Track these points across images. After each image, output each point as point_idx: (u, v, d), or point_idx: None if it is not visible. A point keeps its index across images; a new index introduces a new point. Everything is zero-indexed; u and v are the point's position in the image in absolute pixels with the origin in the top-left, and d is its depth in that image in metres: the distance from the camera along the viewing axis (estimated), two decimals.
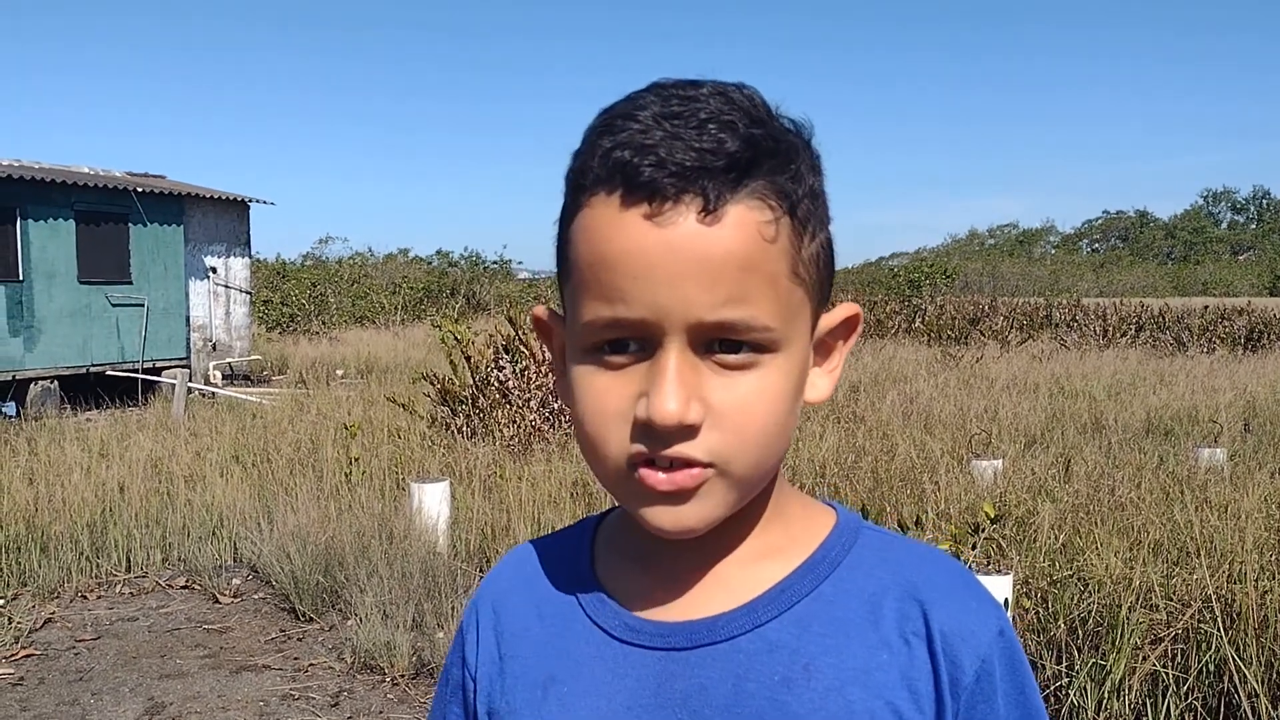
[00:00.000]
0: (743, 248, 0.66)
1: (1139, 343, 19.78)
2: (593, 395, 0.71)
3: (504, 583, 0.88)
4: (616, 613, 0.78)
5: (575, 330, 0.72)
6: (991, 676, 0.72)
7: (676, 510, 0.70)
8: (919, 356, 16.49)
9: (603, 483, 0.74)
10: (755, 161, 0.67)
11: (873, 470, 6.83)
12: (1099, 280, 61.58)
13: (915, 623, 0.72)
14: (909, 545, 0.78)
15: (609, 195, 0.67)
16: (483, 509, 6.32)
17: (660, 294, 0.66)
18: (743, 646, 0.73)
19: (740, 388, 0.68)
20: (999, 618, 0.74)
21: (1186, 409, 10.08)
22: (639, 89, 0.71)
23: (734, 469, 0.69)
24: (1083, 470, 6.80)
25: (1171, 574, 4.22)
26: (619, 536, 0.83)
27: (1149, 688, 3.76)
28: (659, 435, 0.67)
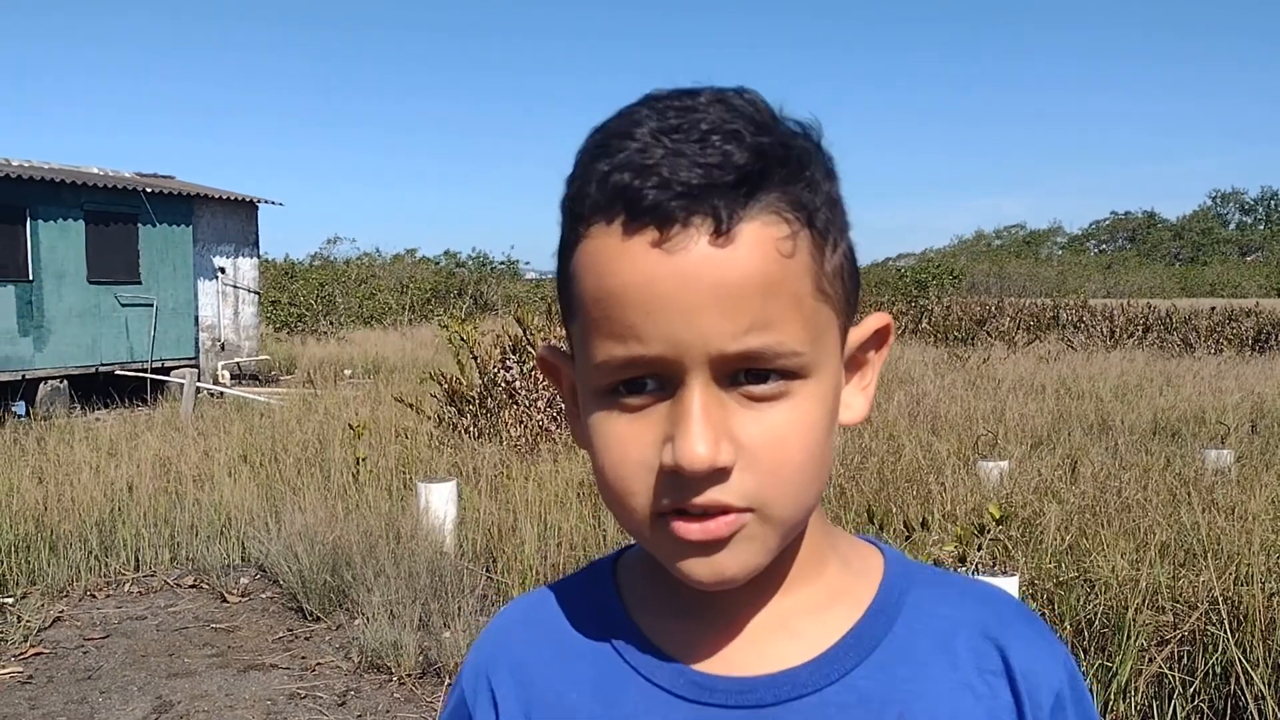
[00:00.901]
0: (761, 268, 0.60)
1: (1146, 344, 19.73)
2: (612, 444, 0.64)
3: (519, 643, 0.77)
4: (678, 670, 0.70)
5: (587, 371, 0.65)
6: (1064, 709, 0.70)
7: (712, 561, 0.63)
8: (925, 357, 16.47)
9: (631, 533, 0.68)
10: (766, 172, 0.61)
11: (879, 471, 6.83)
12: (1106, 281, 61.44)
13: (993, 661, 0.69)
14: (965, 583, 0.75)
15: (609, 224, 0.61)
16: (490, 509, 6.33)
17: (677, 327, 0.60)
18: (831, 699, 0.68)
19: (772, 420, 0.62)
20: (1065, 653, 0.72)
21: (1194, 410, 10.06)
22: (632, 104, 0.65)
23: (772, 511, 0.63)
24: (1089, 471, 6.79)
25: (1178, 576, 4.22)
26: (654, 582, 0.74)
27: (1155, 690, 3.76)
28: (688, 483, 0.61)
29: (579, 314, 0.65)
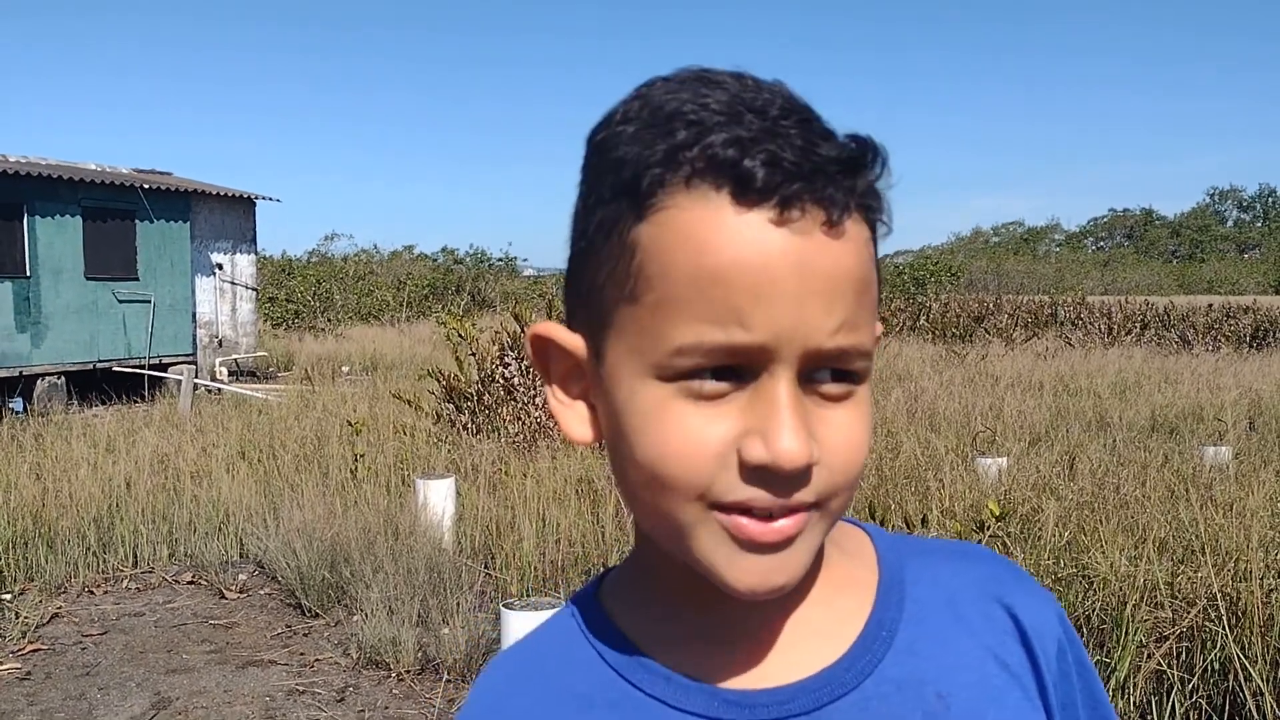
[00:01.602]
0: (859, 267, 0.59)
1: (1144, 341, 19.75)
2: (683, 432, 0.58)
3: (518, 703, 0.70)
4: (709, 691, 0.65)
5: (652, 354, 0.59)
6: (1065, 654, 0.71)
7: (768, 564, 0.60)
8: (924, 354, 16.49)
9: (662, 530, 0.62)
10: (865, 167, 0.59)
11: (877, 468, 6.83)
12: (1104, 278, 61.49)
13: (1004, 622, 0.69)
14: (949, 546, 0.75)
15: (714, 193, 0.56)
16: (488, 506, 6.33)
17: (783, 315, 0.56)
18: (870, 692, 0.65)
19: (841, 422, 0.60)
20: (1051, 595, 0.73)
21: (1191, 407, 10.07)
22: (675, 76, 0.61)
23: (831, 507, 0.62)
24: (1087, 468, 6.80)
25: (1176, 572, 4.22)
26: (655, 607, 0.70)
27: (1154, 686, 3.77)
28: (780, 480, 0.58)
29: (653, 290, 0.58)
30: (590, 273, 0.63)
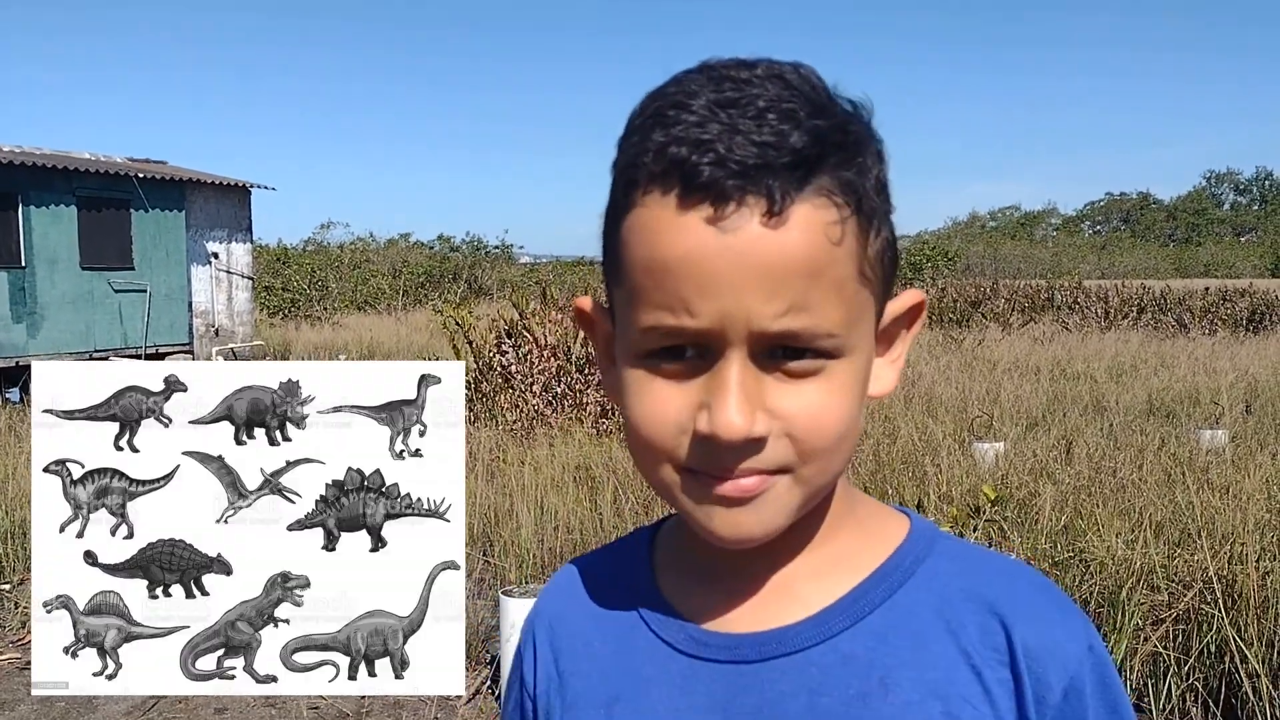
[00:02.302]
0: (807, 252, 0.62)
1: (1141, 325, 19.76)
2: (649, 403, 0.67)
3: (559, 599, 0.84)
4: (681, 626, 0.75)
5: (629, 334, 0.67)
6: (1081, 695, 0.68)
7: (736, 516, 0.66)
8: (920, 339, 16.48)
9: (655, 487, 0.70)
10: (822, 156, 0.62)
11: (874, 453, 6.85)
12: (1100, 262, 61.42)
13: (996, 638, 0.69)
14: (988, 557, 0.75)
15: (664, 195, 0.62)
16: (486, 493, 6.34)
17: (725, 303, 0.62)
18: (815, 659, 0.70)
19: (806, 396, 0.65)
20: (1088, 633, 0.70)
21: (1188, 390, 10.09)
22: (687, 70, 0.66)
23: (804, 474, 0.66)
24: (1084, 452, 6.81)
25: (1173, 555, 4.23)
26: (678, 548, 0.79)
27: (1150, 668, 3.79)
28: (723, 450, 0.64)
29: (626, 279, 0.66)
30: (606, 263, 0.71)
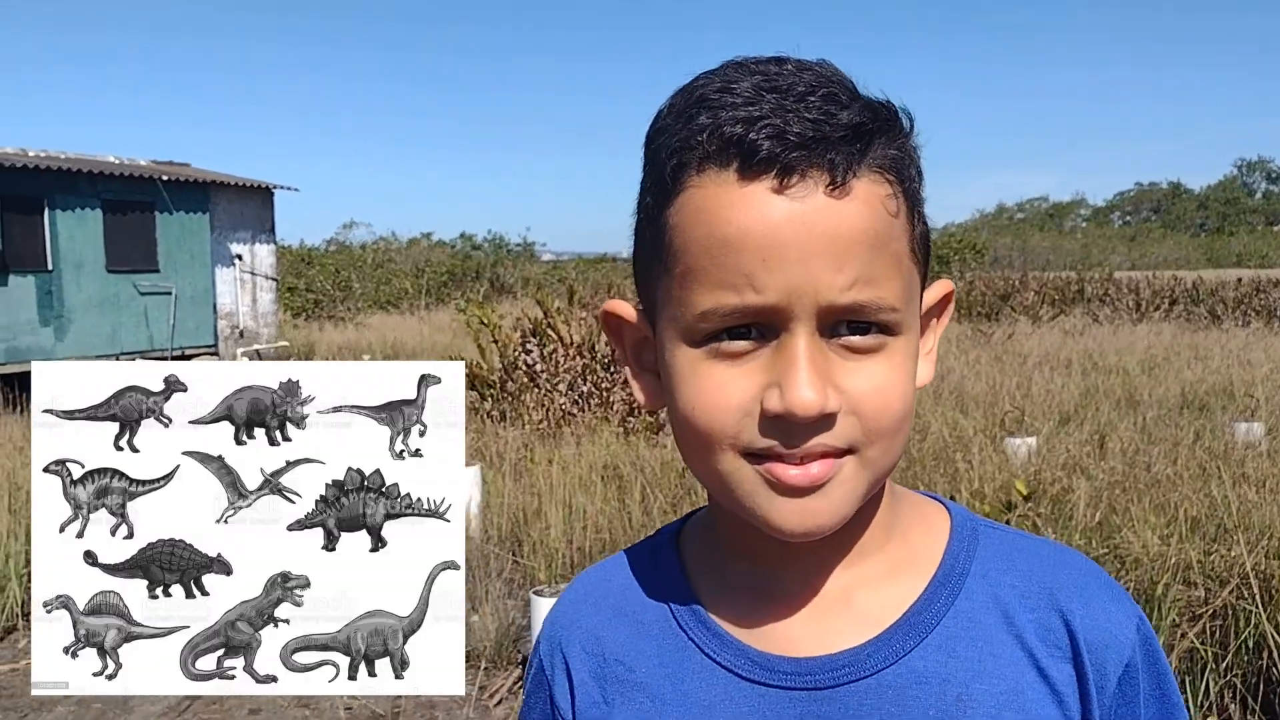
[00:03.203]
0: (871, 224, 0.63)
1: (1173, 316, 19.57)
2: (709, 389, 0.65)
3: (588, 617, 0.79)
4: (739, 648, 0.71)
5: (683, 320, 0.66)
6: (1135, 678, 0.70)
7: (804, 506, 0.65)
8: (949, 333, 16.38)
9: (709, 480, 0.69)
10: (875, 132, 0.64)
11: (905, 450, 6.79)
12: (1131, 253, 60.92)
13: (1058, 634, 0.69)
14: (1034, 545, 0.75)
15: (722, 171, 0.62)
16: (514, 493, 6.33)
17: (792, 275, 0.61)
18: (889, 681, 0.68)
19: (872, 372, 0.65)
20: (1136, 614, 0.71)
21: (1222, 383, 9.96)
22: (716, 68, 0.67)
23: (870, 454, 0.66)
24: (1118, 447, 6.73)
25: (1209, 551, 4.17)
26: (716, 553, 0.77)
27: (1188, 665, 3.73)
28: (795, 428, 0.63)
29: (679, 263, 0.65)
30: (645, 256, 0.70)
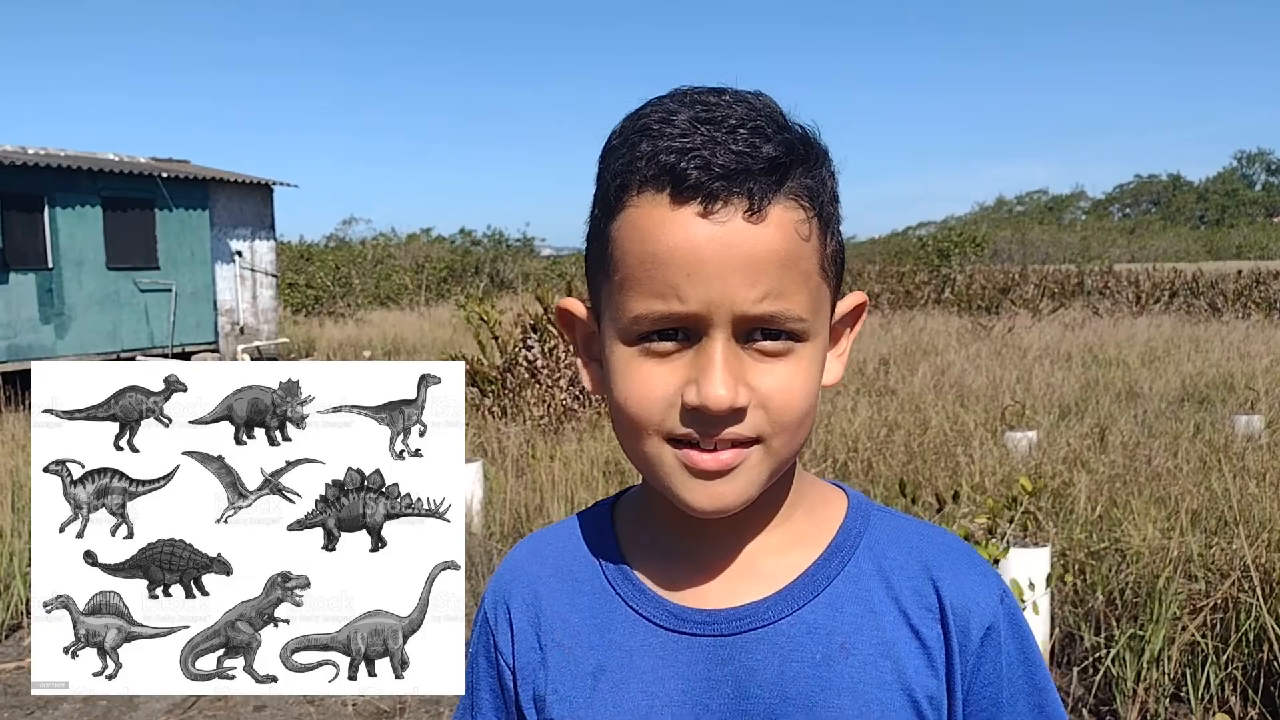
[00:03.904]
0: (784, 245, 0.72)
1: (1173, 309, 19.57)
2: (640, 381, 0.76)
3: (529, 575, 0.90)
4: (659, 602, 0.83)
5: (619, 321, 0.76)
6: (996, 638, 0.81)
7: (713, 489, 0.76)
8: (949, 327, 16.37)
9: (637, 461, 0.79)
10: (791, 165, 0.73)
11: (905, 444, 6.78)
12: (1131, 246, 60.88)
13: (930, 600, 0.80)
14: (915, 525, 0.86)
15: (657, 194, 0.72)
16: (515, 489, 6.33)
17: (712, 289, 0.71)
18: (784, 630, 0.80)
19: (779, 373, 0.74)
20: (999, 587, 0.83)
21: (1222, 376, 9.96)
22: (662, 96, 0.76)
23: (774, 445, 0.76)
24: (1118, 440, 6.73)
25: (1210, 544, 4.17)
26: (646, 527, 0.87)
27: (1188, 657, 3.73)
28: (710, 419, 0.73)
29: (618, 272, 0.75)
30: (592, 262, 0.80)
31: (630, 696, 0.81)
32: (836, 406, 8.26)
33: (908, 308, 21.50)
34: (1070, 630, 4.11)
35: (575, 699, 0.83)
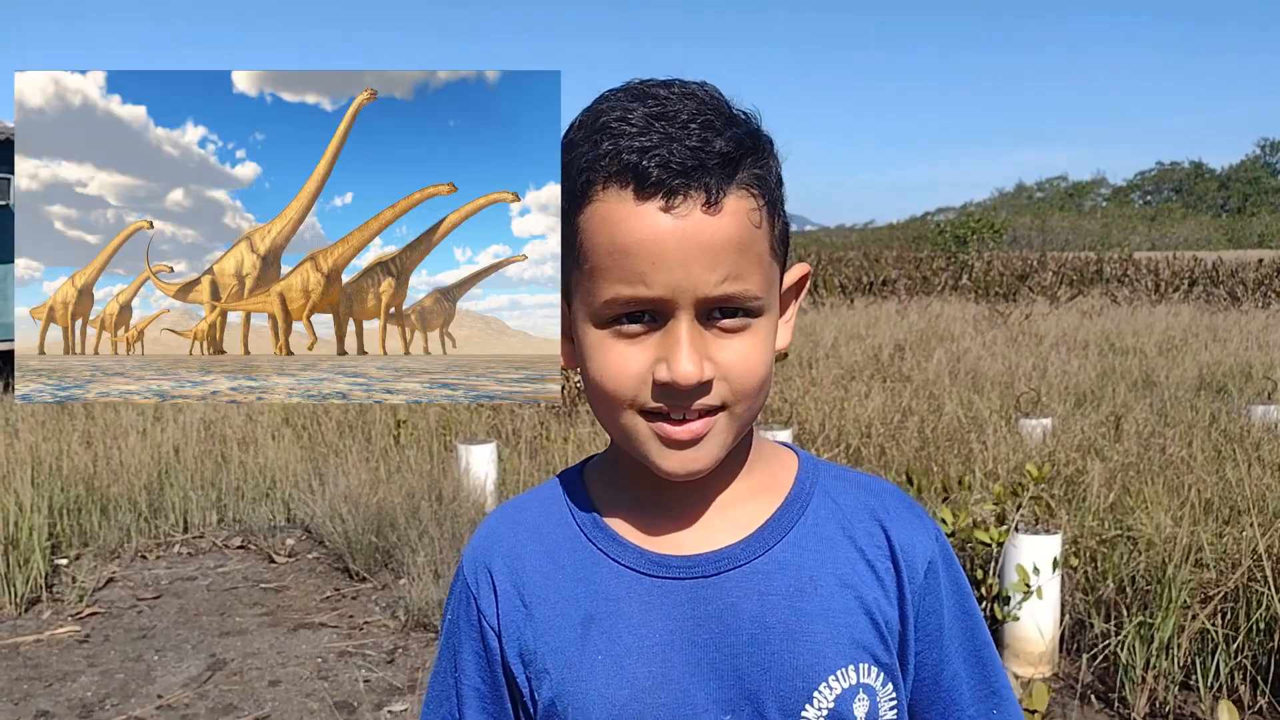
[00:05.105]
0: (739, 233, 0.79)
1: (1192, 297, 19.44)
2: (613, 360, 0.83)
3: (506, 540, 0.95)
4: (639, 552, 0.90)
5: (591, 305, 0.83)
6: (935, 573, 0.92)
7: (685, 456, 0.84)
8: (966, 314, 16.32)
9: (613, 431, 0.87)
10: (741, 157, 0.80)
11: (919, 430, 6.81)
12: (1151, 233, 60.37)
13: (880, 540, 0.91)
14: (859, 477, 0.97)
15: (621, 190, 0.79)
16: (529, 470, 6.39)
17: (675, 275, 0.78)
18: (759, 568, 0.88)
19: (738, 347, 0.82)
20: (934, 528, 0.94)
21: (1240, 365, 9.92)
22: (616, 90, 0.84)
23: (737, 410, 0.84)
24: (1133, 429, 6.73)
25: (1222, 533, 4.18)
26: (617, 485, 0.94)
27: (1198, 646, 3.75)
28: (680, 393, 0.81)
29: (588, 261, 0.82)
30: (563, 249, 0.86)
31: (621, 640, 0.87)
32: (850, 392, 8.28)
33: (924, 294, 21.44)
34: (1080, 617, 4.14)
35: (567, 649, 0.88)
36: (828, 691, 0.86)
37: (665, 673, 0.87)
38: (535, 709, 0.90)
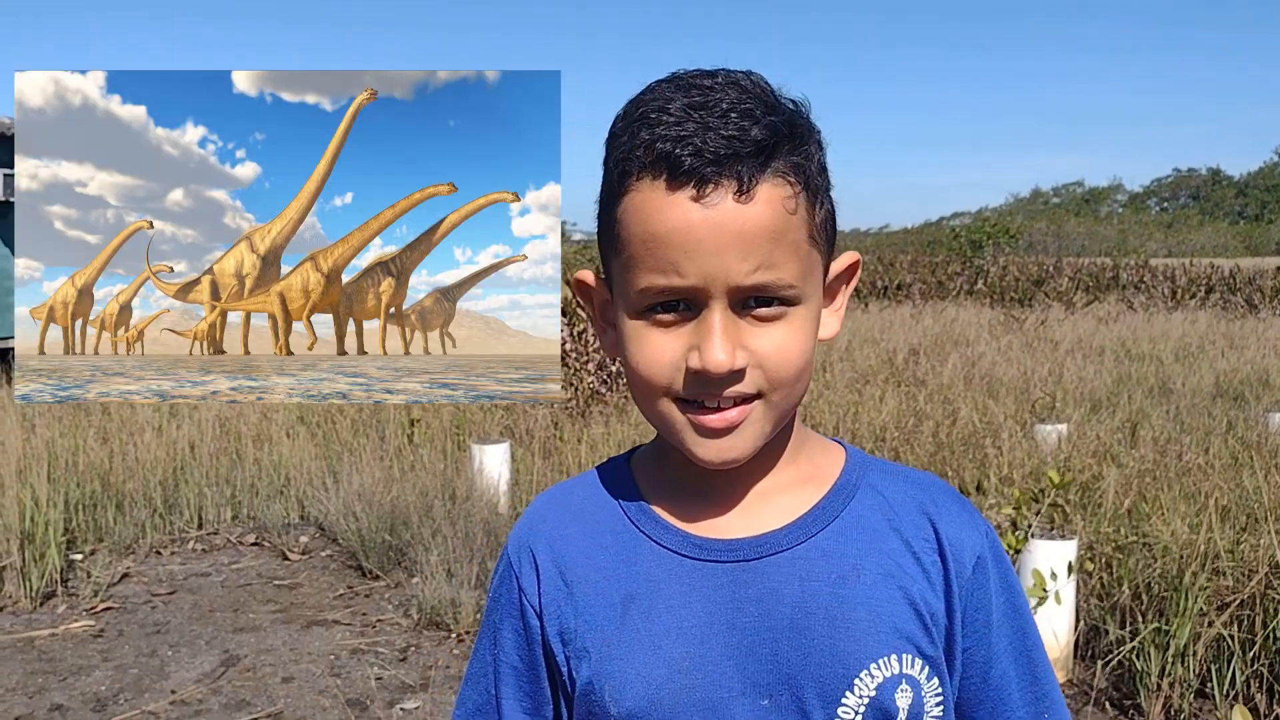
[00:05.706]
0: (771, 221, 0.79)
1: (1209, 304, 19.34)
2: (649, 348, 0.84)
3: (551, 522, 0.96)
4: (682, 535, 0.90)
5: (627, 295, 0.84)
6: (985, 568, 0.91)
7: (721, 444, 0.84)
8: (981, 319, 16.27)
9: (652, 419, 0.88)
10: (776, 145, 0.79)
11: (934, 435, 6.79)
12: (1168, 240, 60.07)
13: (928, 534, 0.90)
14: (909, 472, 0.96)
15: (655, 180, 0.79)
16: (543, 470, 6.39)
17: (708, 264, 0.78)
18: (801, 554, 0.88)
19: (774, 335, 0.82)
20: (986, 525, 0.94)
21: (1257, 373, 9.87)
22: (659, 80, 0.83)
23: (774, 399, 0.84)
24: (1149, 435, 6.70)
25: (1239, 540, 4.16)
26: (663, 471, 0.95)
27: (1214, 653, 3.73)
28: (712, 381, 0.81)
29: (624, 249, 0.83)
30: (602, 238, 0.87)
31: (660, 621, 0.87)
32: (864, 396, 8.27)
33: (939, 298, 21.38)
34: (1095, 623, 4.12)
35: (606, 627, 0.89)
36: (869, 680, 0.85)
37: (702, 654, 0.86)
38: (574, 688, 0.91)
